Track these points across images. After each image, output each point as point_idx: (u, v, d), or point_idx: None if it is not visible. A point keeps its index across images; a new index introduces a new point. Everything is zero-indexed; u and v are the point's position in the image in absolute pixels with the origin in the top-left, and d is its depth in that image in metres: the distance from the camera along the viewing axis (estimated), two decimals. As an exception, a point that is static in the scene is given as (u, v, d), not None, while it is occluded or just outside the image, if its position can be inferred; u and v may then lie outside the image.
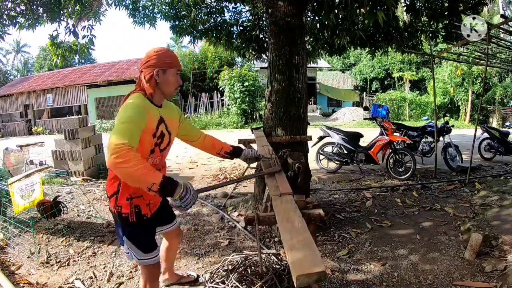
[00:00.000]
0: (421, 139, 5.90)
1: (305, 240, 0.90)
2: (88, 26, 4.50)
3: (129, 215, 1.50)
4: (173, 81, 1.52)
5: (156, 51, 1.49)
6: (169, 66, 1.49)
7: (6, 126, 18.98)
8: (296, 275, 0.75)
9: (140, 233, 1.57)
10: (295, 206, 1.16)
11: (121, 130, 1.28)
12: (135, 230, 1.55)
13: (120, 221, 1.54)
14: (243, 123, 14.59)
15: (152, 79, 1.47)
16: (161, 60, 1.47)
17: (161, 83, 1.49)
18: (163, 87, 1.50)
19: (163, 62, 1.48)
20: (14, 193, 2.84)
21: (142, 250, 1.56)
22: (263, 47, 4.70)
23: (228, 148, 1.87)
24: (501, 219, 3.00)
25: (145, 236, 1.59)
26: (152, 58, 1.47)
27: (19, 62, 35.07)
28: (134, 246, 1.56)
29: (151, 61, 1.47)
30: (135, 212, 1.51)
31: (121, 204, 1.50)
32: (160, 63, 1.47)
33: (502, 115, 15.07)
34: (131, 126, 1.32)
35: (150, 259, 1.59)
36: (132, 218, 1.51)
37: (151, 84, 1.48)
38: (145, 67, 1.48)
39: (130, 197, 1.49)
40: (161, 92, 1.52)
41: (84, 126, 5.26)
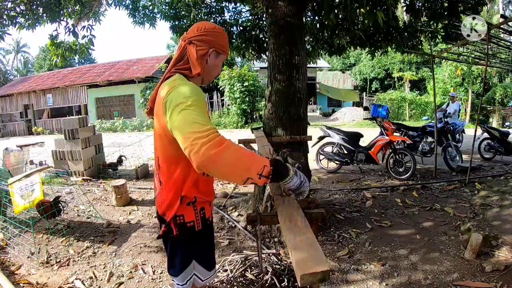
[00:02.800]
0: (421, 139, 5.91)
1: (309, 240, 0.90)
2: (88, 26, 4.51)
3: (194, 223, 1.19)
4: (219, 69, 1.27)
5: (214, 28, 1.20)
6: (223, 50, 1.23)
7: (6, 126, 18.99)
8: (300, 274, 0.75)
9: (207, 244, 1.29)
10: (297, 206, 1.16)
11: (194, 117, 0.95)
12: (203, 242, 1.24)
13: (184, 237, 1.20)
14: (243, 123, 14.60)
15: (205, 57, 1.18)
16: (218, 41, 1.20)
17: (209, 66, 1.21)
18: (209, 71, 1.23)
19: (220, 44, 1.21)
20: (14, 193, 2.84)
21: (208, 267, 1.28)
22: (263, 47, 4.70)
23: None
24: (501, 219, 3.00)
25: (212, 246, 1.33)
26: (210, 34, 1.18)
27: (19, 62, 35.09)
28: (201, 267, 1.25)
29: (207, 37, 1.17)
30: (201, 217, 1.21)
31: (182, 212, 1.17)
32: (217, 43, 1.20)
33: (502, 115, 15.08)
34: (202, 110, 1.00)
35: (213, 275, 1.33)
36: (199, 226, 1.20)
37: (202, 63, 1.18)
38: (199, 40, 1.16)
39: (194, 201, 1.18)
40: (203, 76, 1.24)
41: (84, 126, 5.26)
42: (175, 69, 1.19)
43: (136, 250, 2.71)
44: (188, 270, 1.23)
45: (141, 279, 2.29)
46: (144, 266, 2.45)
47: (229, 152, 0.90)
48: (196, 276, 1.26)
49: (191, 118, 0.95)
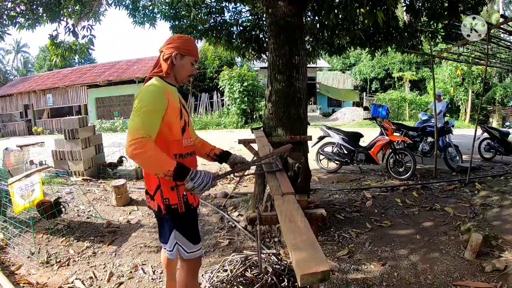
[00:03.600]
0: (421, 139, 5.91)
1: (309, 240, 0.90)
2: (88, 26, 4.51)
3: (178, 205, 1.49)
4: (188, 68, 1.56)
5: (180, 36, 1.58)
6: (187, 52, 1.53)
7: (6, 126, 18.99)
8: (300, 274, 0.75)
9: (190, 224, 1.55)
10: (297, 206, 1.16)
11: (140, 119, 1.30)
12: (185, 221, 1.53)
13: (169, 215, 1.50)
14: (243, 123, 14.59)
15: (169, 59, 1.51)
16: (182, 45, 1.52)
17: (177, 67, 1.53)
18: (178, 71, 1.54)
19: (184, 47, 1.52)
20: (14, 193, 2.84)
21: (192, 241, 1.55)
22: (263, 47, 4.70)
23: (217, 151, 1.83)
24: (501, 219, 3.00)
25: (194, 226, 1.59)
26: (175, 41, 1.52)
27: (19, 62, 35.07)
28: (185, 239, 1.53)
29: (173, 44, 1.52)
30: (184, 202, 1.50)
31: (167, 196, 1.47)
32: (180, 47, 1.51)
33: (502, 115, 15.08)
34: (150, 112, 1.33)
35: (199, 250, 1.59)
36: (182, 209, 1.49)
37: (168, 64, 1.51)
38: (166, 48, 1.53)
39: (175, 185, 1.46)
40: (175, 74, 1.55)
41: (84, 126, 5.26)
42: (152, 73, 1.54)
43: (136, 250, 2.71)
44: (171, 239, 1.53)
45: (141, 279, 2.29)
46: (144, 266, 2.45)
47: (145, 155, 1.25)
48: (180, 246, 1.53)
49: (134, 121, 1.30)
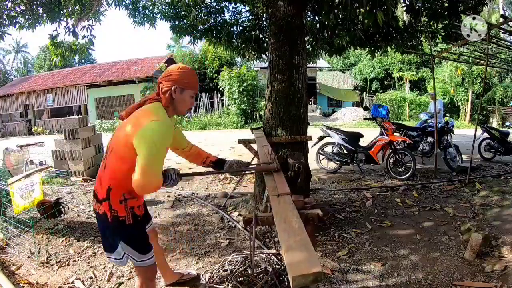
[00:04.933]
0: (421, 139, 5.91)
1: (302, 241, 0.90)
2: (88, 26, 4.50)
3: (126, 218, 1.49)
4: (188, 101, 1.53)
5: (180, 68, 1.50)
6: (187, 86, 1.50)
7: (6, 126, 18.98)
8: (292, 275, 0.75)
9: (137, 235, 1.56)
10: (292, 207, 1.16)
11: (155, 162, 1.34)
12: (132, 232, 1.53)
13: (115, 225, 1.49)
14: (243, 123, 14.59)
15: (168, 93, 1.48)
16: (182, 79, 1.48)
17: (176, 100, 1.50)
18: (178, 105, 1.51)
19: (184, 81, 1.48)
20: (14, 193, 2.84)
21: (140, 251, 1.55)
22: (263, 47, 4.70)
23: (213, 158, 1.85)
24: (501, 219, 3.00)
25: (142, 237, 1.59)
26: (174, 74, 1.48)
27: (19, 62, 35.06)
28: (132, 249, 1.53)
29: (172, 76, 1.48)
30: (131, 214, 1.50)
31: (116, 208, 1.47)
32: (180, 81, 1.48)
33: (502, 115, 15.08)
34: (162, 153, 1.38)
35: (149, 259, 1.59)
36: (129, 221, 1.49)
37: (167, 97, 1.49)
38: (165, 80, 1.49)
39: (124, 199, 1.48)
40: (174, 108, 1.52)
41: (84, 126, 5.26)
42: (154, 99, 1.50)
43: (136, 250, 2.70)
44: (119, 249, 1.54)
45: (141, 279, 2.28)
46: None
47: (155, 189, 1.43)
48: (129, 256, 1.55)
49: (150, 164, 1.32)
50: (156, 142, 1.33)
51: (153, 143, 1.32)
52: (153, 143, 1.32)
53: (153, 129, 1.34)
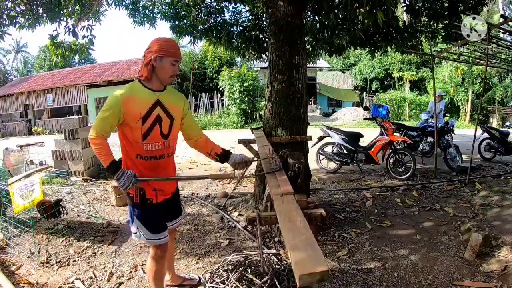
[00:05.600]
0: (421, 139, 5.91)
1: (307, 240, 0.90)
2: (88, 26, 4.50)
3: (134, 196, 1.65)
4: (169, 68, 1.60)
5: (158, 39, 1.60)
6: (166, 54, 1.57)
7: (6, 126, 18.97)
8: (299, 274, 0.75)
9: (146, 215, 1.69)
10: (296, 206, 1.16)
11: (97, 120, 1.58)
12: (142, 211, 1.69)
13: (129, 202, 1.70)
14: (243, 123, 14.59)
15: (149, 63, 1.58)
16: (161, 48, 1.57)
17: (157, 69, 1.59)
18: (159, 73, 1.60)
19: (162, 49, 1.57)
20: (14, 193, 2.84)
21: (150, 230, 1.69)
22: (263, 47, 4.70)
23: (218, 150, 1.86)
24: (501, 219, 3.00)
25: (152, 218, 1.71)
26: (154, 45, 1.58)
27: (19, 62, 35.06)
28: (142, 226, 1.69)
29: (152, 48, 1.58)
30: (140, 195, 1.65)
31: None
32: (159, 50, 1.56)
33: (502, 115, 15.07)
34: (104, 117, 1.55)
35: (159, 239, 1.71)
36: (136, 199, 1.65)
37: (148, 68, 1.59)
38: (147, 52, 1.60)
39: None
40: (157, 78, 1.62)
41: (84, 126, 5.26)
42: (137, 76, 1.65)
43: (136, 250, 2.71)
44: (134, 223, 1.72)
45: (141, 279, 2.28)
46: (144, 266, 2.45)
47: (94, 149, 1.58)
48: (140, 231, 1.70)
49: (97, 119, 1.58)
50: (105, 105, 1.57)
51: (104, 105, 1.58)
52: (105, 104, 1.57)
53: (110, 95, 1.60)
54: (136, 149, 1.63)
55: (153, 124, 1.61)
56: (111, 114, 1.55)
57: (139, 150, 1.63)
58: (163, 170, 1.73)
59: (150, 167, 1.67)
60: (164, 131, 1.66)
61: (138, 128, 1.59)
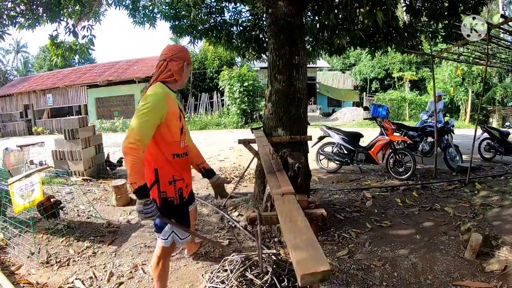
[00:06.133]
0: (421, 139, 5.91)
1: (309, 240, 0.90)
2: (88, 26, 4.50)
3: (174, 198, 1.67)
4: (187, 74, 1.80)
5: (183, 47, 1.79)
6: (190, 61, 1.78)
7: (6, 126, 18.96)
8: (300, 274, 0.75)
9: (182, 214, 1.75)
10: (297, 206, 1.16)
11: (139, 123, 1.49)
12: (180, 212, 1.73)
13: (164, 207, 1.65)
14: (243, 123, 14.59)
15: (181, 69, 1.72)
16: (187, 55, 1.75)
17: (184, 74, 1.75)
18: (184, 78, 1.77)
19: (188, 57, 1.76)
20: (14, 193, 2.84)
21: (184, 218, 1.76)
22: (263, 47, 4.70)
23: (206, 166, 2.06)
24: (501, 219, 3.00)
25: (187, 216, 1.79)
26: (182, 51, 1.73)
27: (19, 62, 35.05)
28: (180, 227, 1.72)
29: (180, 54, 1.72)
30: (179, 195, 1.69)
31: (165, 189, 1.65)
32: (187, 57, 1.75)
33: (502, 115, 15.07)
34: (149, 117, 1.51)
35: (188, 236, 1.79)
36: (177, 201, 1.69)
37: (180, 73, 1.72)
38: (176, 58, 1.71)
39: (173, 180, 1.67)
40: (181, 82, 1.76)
41: (84, 126, 5.26)
42: (160, 79, 1.69)
43: (136, 250, 2.71)
44: (167, 229, 1.71)
45: (141, 279, 2.29)
46: (144, 266, 2.45)
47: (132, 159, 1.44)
48: (175, 234, 1.73)
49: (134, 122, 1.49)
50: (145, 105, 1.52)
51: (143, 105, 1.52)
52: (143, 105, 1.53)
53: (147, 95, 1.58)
54: (174, 148, 1.67)
55: (182, 122, 1.74)
56: (156, 113, 1.54)
57: (177, 148, 1.69)
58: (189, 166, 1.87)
59: (184, 164, 1.76)
60: (184, 128, 1.78)
61: (177, 125, 1.66)
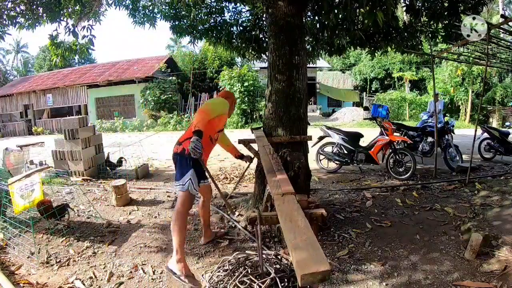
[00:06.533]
0: (421, 139, 5.90)
1: (309, 240, 0.90)
2: (88, 26, 4.50)
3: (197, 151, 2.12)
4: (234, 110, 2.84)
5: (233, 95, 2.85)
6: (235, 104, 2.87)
7: (6, 126, 18.97)
8: (301, 274, 0.75)
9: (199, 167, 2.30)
10: (298, 206, 1.16)
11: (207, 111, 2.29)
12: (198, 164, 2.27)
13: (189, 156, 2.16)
14: (243, 123, 14.58)
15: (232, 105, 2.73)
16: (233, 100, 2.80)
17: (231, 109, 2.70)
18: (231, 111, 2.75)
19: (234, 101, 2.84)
20: (14, 193, 2.84)
21: (200, 178, 2.36)
22: (263, 47, 4.70)
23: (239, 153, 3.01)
24: (501, 219, 3.00)
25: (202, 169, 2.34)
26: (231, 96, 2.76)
27: (19, 62, 35.04)
28: (195, 177, 2.27)
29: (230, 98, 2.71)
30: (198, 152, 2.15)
31: (185, 146, 2.24)
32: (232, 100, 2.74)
33: (502, 115, 15.06)
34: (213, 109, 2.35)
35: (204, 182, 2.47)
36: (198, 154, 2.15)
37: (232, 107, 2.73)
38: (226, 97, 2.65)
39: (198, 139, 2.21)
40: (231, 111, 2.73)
41: (84, 126, 5.26)
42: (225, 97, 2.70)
43: (136, 250, 2.71)
44: (186, 176, 2.25)
45: (141, 279, 2.29)
46: (144, 266, 2.45)
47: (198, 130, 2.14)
48: (191, 181, 2.24)
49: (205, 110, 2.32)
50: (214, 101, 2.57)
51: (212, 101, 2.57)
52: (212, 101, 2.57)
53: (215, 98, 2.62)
54: (212, 133, 2.43)
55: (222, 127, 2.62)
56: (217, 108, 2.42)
57: (213, 134, 2.46)
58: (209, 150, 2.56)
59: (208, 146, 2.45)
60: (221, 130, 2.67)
61: (221, 125, 2.56)
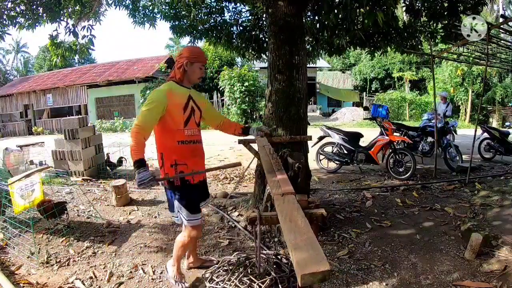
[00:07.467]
0: (421, 139, 5.91)
1: (309, 240, 0.90)
2: (88, 26, 4.50)
3: (174, 179, 1.89)
4: (197, 72, 1.98)
5: (189, 48, 2.01)
6: (196, 60, 1.94)
7: (6, 126, 18.98)
8: (301, 273, 0.75)
9: (186, 195, 1.94)
10: (297, 206, 1.16)
11: (141, 113, 1.83)
12: (182, 193, 1.93)
13: (169, 187, 1.95)
14: (243, 123, 14.58)
15: (181, 67, 1.94)
16: (191, 55, 1.93)
17: (188, 72, 1.95)
18: (189, 76, 1.97)
19: (192, 56, 1.93)
20: (14, 193, 2.84)
21: (189, 210, 1.94)
22: (263, 47, 4.70)
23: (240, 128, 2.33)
24: (501, 219, 3.00)
25: (191, 198, 1.97)
26: (185, 52, 1.95)
27: (19, 62, 35.05)
28: (182, 208, 1.93)
29: (183, 54, 1.94)
30: (180, 178, 1.90)
31: (167, 171, 1.90)
32: (189, 56, 1.93)
33: (502, 115, 15.08)
34: (149, 109, 1.82)
35: (197, 219, 1.98)
36: (177, 182, 1.90)
37: (181, 71, 1.95)
38: (179, 58, 1.95)
39: (175, 164, 1.90)
40: (188, 79, 1.99)
41: (84, 126, 5.26)
42: (168, 79, 2.01)
43: (136, 250, 2.71)
44: (175, 207, 1.98)
45: (141, 279, 2.29)
46: (144, 266, 2.45)
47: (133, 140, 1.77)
48: (180, 213, 1.96)
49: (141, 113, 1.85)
50: (148, 99, 1.85)
51: (147, 100, 1.86)
52: (147, 99, 1.86)
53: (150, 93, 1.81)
54: (178, 135, 1.92)
55: (190, 114, 1.96)
56: (156, 105, 1.83)
57: (181, 136, 1.92)
58: (199, 153, 2.06)
59: (189, 151, 1.96)
60: (196, 120, 2.01)
61: (180, 115, 1.91)
